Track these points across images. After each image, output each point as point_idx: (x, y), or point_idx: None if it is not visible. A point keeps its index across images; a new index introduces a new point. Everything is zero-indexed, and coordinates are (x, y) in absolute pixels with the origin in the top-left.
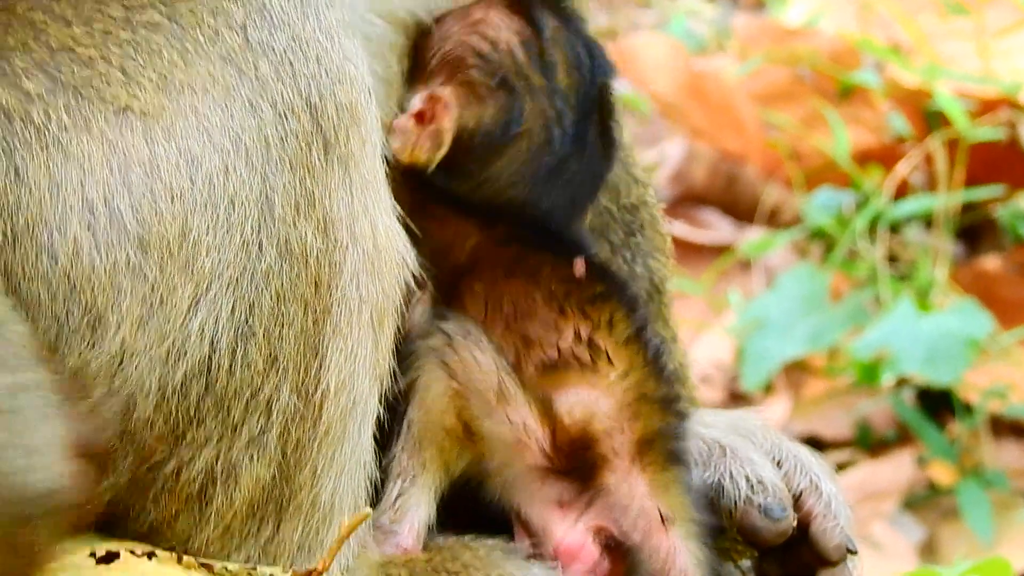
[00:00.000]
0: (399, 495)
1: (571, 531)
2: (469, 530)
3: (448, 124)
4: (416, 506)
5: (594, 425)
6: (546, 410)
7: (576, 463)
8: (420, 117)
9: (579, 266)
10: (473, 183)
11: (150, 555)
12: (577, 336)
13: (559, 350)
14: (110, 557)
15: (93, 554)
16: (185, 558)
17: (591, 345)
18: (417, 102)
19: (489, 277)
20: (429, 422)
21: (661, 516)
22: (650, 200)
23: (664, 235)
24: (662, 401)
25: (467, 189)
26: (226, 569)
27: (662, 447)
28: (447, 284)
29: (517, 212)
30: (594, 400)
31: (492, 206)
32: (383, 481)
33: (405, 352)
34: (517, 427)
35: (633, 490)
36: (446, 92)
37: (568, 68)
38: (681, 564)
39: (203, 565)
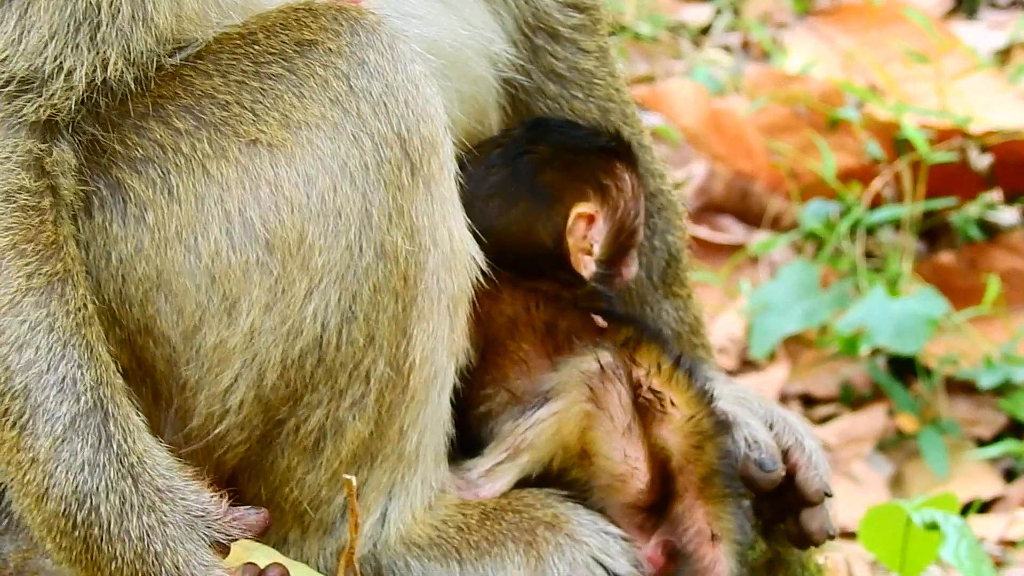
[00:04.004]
0: (499, 463)
1: (646, 545)
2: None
3: None
4: (506, 476)
5: (672, 463)
6: (652, 451)
7: (657, 496)
8: None
9: (599, 320)
10: None
11: None
12: (644, 383)
13: (648, 399)
14: None
15: None
16: None
17: (655, 392)
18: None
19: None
20: (556, 430)
21: (712, 535)
22: (666, 188)
23: (680, 213)
24: (716, 433)
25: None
26: None
27: (720, 483)
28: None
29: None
30: (672, 441)
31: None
32: (460, 436)
33: (559, 364)
34: (630, 461)
35: (694, 514)
36: None
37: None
38: (719, 570)
39: None
